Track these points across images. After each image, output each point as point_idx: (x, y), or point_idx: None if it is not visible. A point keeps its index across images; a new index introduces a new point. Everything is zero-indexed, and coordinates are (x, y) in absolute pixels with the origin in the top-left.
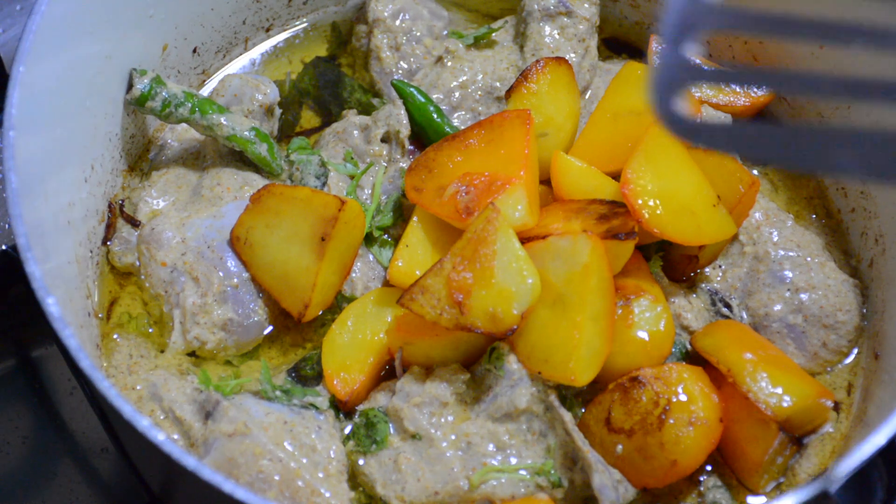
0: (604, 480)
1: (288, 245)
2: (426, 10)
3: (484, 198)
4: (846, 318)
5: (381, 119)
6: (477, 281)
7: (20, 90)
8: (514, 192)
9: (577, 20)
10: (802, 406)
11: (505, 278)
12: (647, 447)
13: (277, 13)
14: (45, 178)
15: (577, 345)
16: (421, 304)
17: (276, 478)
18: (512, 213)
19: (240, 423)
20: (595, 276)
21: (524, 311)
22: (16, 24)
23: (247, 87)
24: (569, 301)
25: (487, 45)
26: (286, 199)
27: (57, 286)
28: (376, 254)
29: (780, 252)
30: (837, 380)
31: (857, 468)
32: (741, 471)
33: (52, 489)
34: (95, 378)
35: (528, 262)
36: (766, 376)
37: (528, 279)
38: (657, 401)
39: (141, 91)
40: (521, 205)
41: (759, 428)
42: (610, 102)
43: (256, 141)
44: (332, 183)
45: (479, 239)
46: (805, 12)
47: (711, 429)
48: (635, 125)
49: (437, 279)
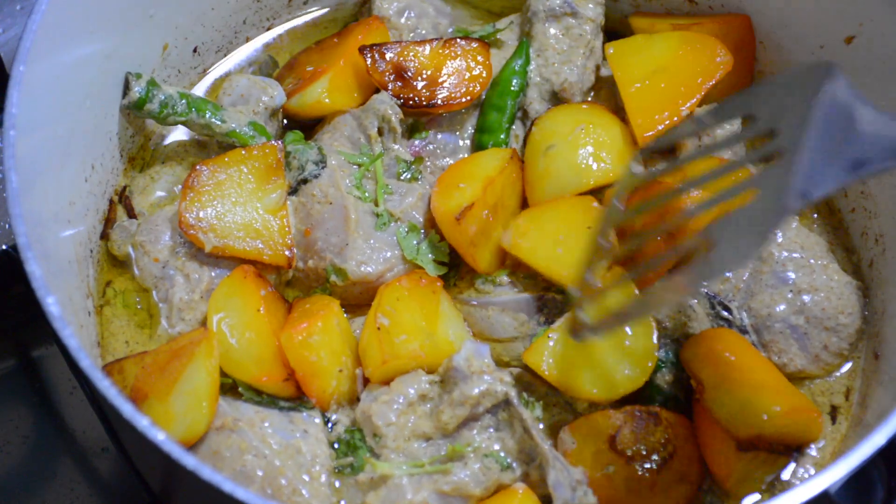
0: (559, 478)
1: (244, 207)
2: (431, 8)
3: (305, 85)
4: (848, 321)
5: (370, 109)
6: (155, 392)
7: (20, 90)
8: (323, 77)
9: (582, 21)
10: (773, 424)
11: (176, 403)
12: (637, 481)
13: (277, 12)
14: (45, 178)
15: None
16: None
17: (259, 473)
18: (314, 94)
19: (228, 419)
20: None
21: (184, 438)
22: (16, 24)
23: (254, 88)
24: None
25: (493, 45)
26: (221, 168)
27: (57, 286)
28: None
29: (783, 253)
30: (836, 385)
31: (857, 468)
32: (717, 481)
33: (52, 489)
34: (95, 378)
35: (207, 397)
36: (733, 396)
37: (199, 412)
38: (666, 443)
39: (138, 95)
40: (323, 87)
41: (723, 444)
42: (630, 76)
43: (255, 135)
44: (330, 171)
45: (176, 352)
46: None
47: (691, 493)
48: (671, 75)
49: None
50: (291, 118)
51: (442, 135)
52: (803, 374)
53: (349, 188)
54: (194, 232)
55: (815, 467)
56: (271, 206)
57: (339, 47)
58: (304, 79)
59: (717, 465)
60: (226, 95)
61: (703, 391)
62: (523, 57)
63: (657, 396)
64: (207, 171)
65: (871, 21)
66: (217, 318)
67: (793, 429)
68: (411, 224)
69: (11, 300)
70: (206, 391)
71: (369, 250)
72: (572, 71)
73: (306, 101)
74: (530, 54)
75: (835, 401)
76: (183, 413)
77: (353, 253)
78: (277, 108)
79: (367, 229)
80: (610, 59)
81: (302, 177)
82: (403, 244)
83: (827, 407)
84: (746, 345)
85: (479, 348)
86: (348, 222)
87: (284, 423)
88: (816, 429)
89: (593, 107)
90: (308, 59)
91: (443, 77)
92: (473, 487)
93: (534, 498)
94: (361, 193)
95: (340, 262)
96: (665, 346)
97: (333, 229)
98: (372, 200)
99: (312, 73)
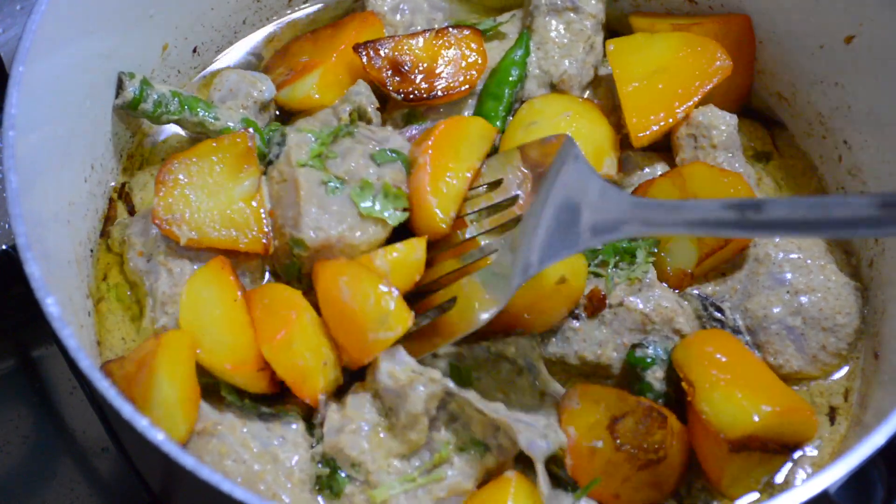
0: (529, 436)
1: (217, 197)
2: (425, 3)
3: (296, 77)
4: (846, 321)
5: (347, 100)
6: (136, 401)
7: (20, 90)
8: (314, 71)
9: (583, 16)
10: (765, 424)
11: (154, 412)
12: (615, 467)
13: (277, 12)
14: (44, 178)
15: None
16: None
17: (238, 479)
18: (304, 89)
19: (209, 423)
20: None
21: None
22: (16, 24)
23: (243, 82)
24: None
25: (495, 37)
26: (191, 161)
27: (56, 286)
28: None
29: (780, 254)
30: (834, 386)
31: (857, 468)
32: (710, 481)
33: (52, 489)
34: (95, 378)
35: (179, 406)
36: (721, 397)
37: (174, 421)
38: (659, 448)
39: (133, 95)
40: (313, 82)
41: (714, 446)
42: (629, 74)
43: (246, 130)
44: (287, 149)
45: (141, 362)
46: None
47: (655, 500)
48: (669, 76)
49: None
50: (280, 108)
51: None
52: (801, 375)
53: (304, 160)
54: (168, 226)
55: (814, 468)
56: (245, 195)
57: (333, 41)
58: (296, 70)
59: (710, 466)
60: (216, 91)
61: (693, 393)
62: (523, 47)
63: (647, 393)
64: (178, 164)
65: (871, 21)
66: (190, 309)
67: (787, 428)
68: (364, 181)
69: (11, 300)
70: (176, 400)
71: (326, 215)
72: (572, 64)
73: (296, 96)
74: (530, 47)
75: (833, 402)
76: (161, 421)
77: (307, 220)
78: (267, 101)
79: (321, 197)
80: (610, 56)
81: (267, 160)
82: (358, 201)
83: (825, 408)
84: (739, 345)
85: (394, 356)
86: (298, 192)
87: (262, 429)
88: (811, 428)
89: (587, 102)
90: (300, 49)
91: (439, 68)
92: (465, 482)
93: (526, 481)
94: (318, 164)
95: (297, 233)
96: (654, 344)
97: (289, 203)
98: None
99: (304, 66)
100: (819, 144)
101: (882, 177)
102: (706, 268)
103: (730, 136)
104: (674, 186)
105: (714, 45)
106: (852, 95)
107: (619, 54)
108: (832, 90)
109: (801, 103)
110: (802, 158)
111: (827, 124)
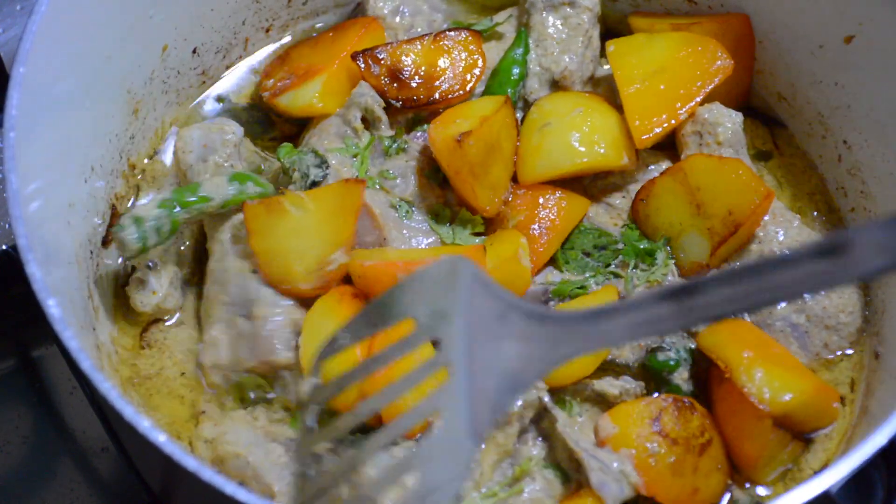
0: (602, 478)
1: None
2: (425, 5)
3: (298, 83)
4: (848, 320)
5: (352, 104)
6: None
7: (20, 91)
8: (316, 78)
9: (580, 10)
10: (800, 402)
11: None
12: (681, 463)
13: (277, 13)
14: (45, 179)
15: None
16: None
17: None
18: (306, 96)
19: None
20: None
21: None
22: (16, 24)
23: (211, 134)
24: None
25: (493, 37)
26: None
27: (57, 287)
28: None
29: (785, 252)
30: (840, 376)
31: (858, 468)
32: (742, 465)
33: (52, 489)
34: (96, 380)
35: None
36: (763, 373)
37: None
38: (703, 431)
39: (138, 243)
40: (315, 90)
41: (755, 424)
42: (630, 75)
43: (244, 187)
44: (335, 171)
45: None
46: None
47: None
48: (670, 77)
49: None
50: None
51: None
52: None
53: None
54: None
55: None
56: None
57: (334, 46)
58: (298, 75)
59: (746, 447)
60: (187, 154)
61: (731, 370)
62: (522, 46)
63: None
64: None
65: (871, 21)
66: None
67: (813, 410)
68: (436, 207)
69: (11, 300)
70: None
71: (411, 240)
72: (572, 59)
73: (297, 103)
74: (529, 44)
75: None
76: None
77: (397, 245)
78: (240, 140)
79: (395, 220)
80: (610, 56)
81: (309, 183)
82: (439, 231)
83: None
84: (761, 331)
85: None
86: (374, 218)
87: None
88: (833, 412)
89: (594, 96)
90: (301, 55)
91: (438, 72)
92: (546, 500)
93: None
94: (371, 183)
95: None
96: (673, 346)
97: (363, 229)
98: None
99: (306, 72)
100: (819, 144)
101: (881, 176)
102: (721, 257)
103: (735, 133)
104: (676, 182)
105: (714, 44)
106: (852, 95)
107: (620, 55)
108: (832, 90)
109: (801, 103)
110: (802, 158)
111: (827, 124)
